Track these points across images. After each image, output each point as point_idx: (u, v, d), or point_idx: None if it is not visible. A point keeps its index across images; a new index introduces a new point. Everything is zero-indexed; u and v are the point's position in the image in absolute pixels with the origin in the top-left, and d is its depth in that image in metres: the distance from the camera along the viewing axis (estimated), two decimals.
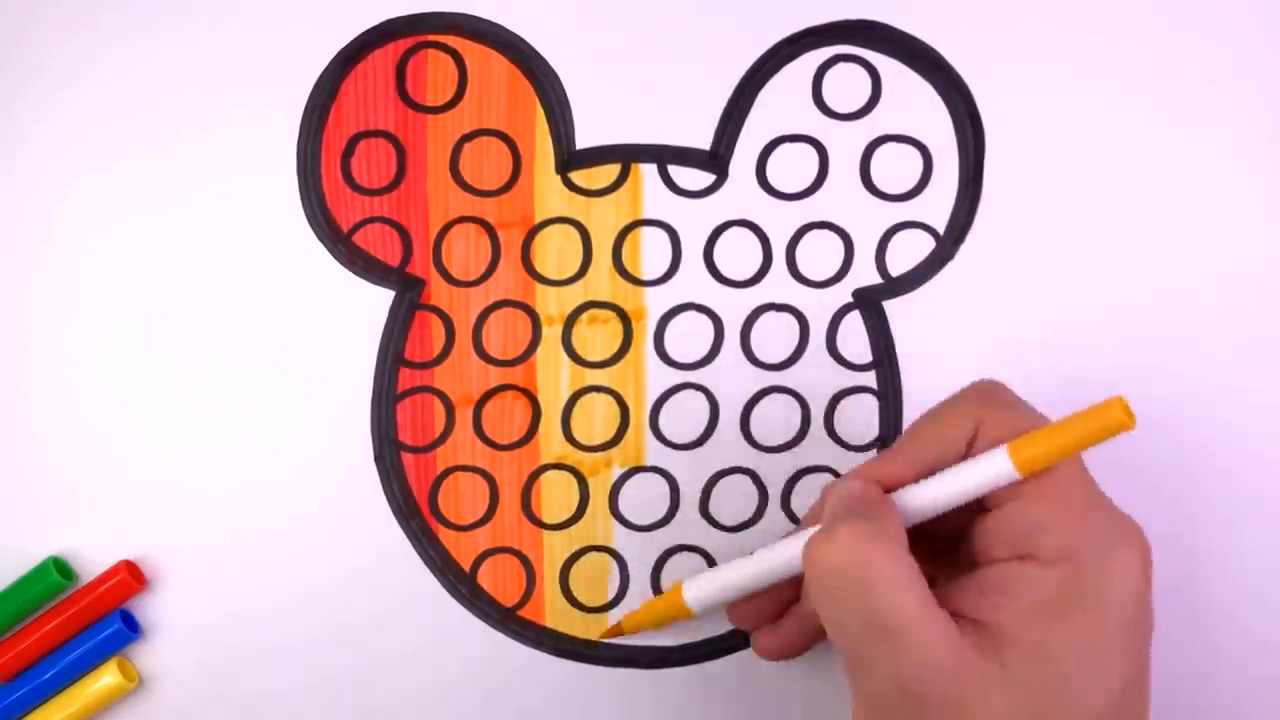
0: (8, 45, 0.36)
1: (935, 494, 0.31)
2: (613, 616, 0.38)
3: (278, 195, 0.37)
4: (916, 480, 0.31)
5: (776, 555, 0.33)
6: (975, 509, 0.31)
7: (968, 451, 0.31)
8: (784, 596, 0.34)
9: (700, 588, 0.35)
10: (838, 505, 0.30)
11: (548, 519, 0.38)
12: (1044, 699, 0.27)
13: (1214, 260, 0.37)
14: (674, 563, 0.38)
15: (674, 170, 0.37)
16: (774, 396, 0.37)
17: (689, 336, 0.37)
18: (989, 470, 0.30)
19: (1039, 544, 0.29)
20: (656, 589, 0.38)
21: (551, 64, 0.36)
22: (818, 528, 0.30)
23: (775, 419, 0.37)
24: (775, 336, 0.37)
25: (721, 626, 0.38)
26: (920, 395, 0.37)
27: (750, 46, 0.36)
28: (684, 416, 0.37)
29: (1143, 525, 0.30)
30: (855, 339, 0.37)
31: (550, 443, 0.37)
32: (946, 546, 0.32)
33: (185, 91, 0.36)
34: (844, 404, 0.37)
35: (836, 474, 0.37)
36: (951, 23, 0.36)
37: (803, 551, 0.30)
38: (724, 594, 0.35)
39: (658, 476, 0.37)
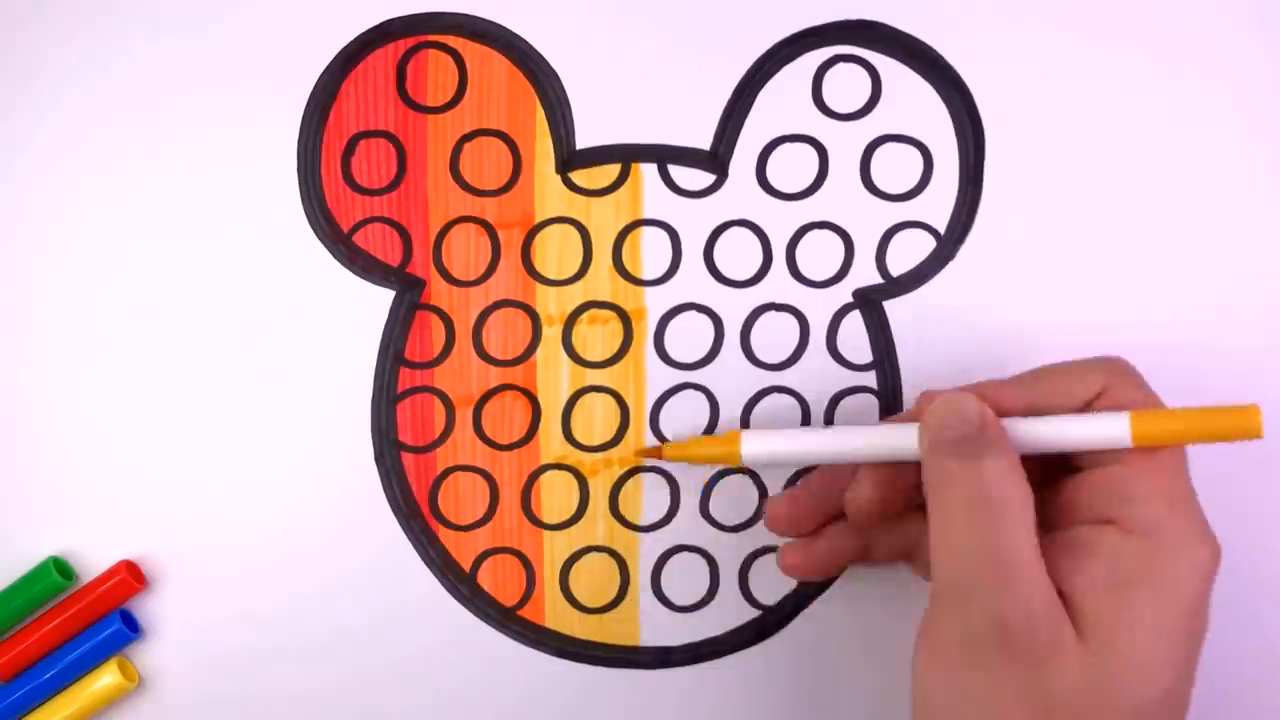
0: (8, 46, 0.36)
1: (1047, 433, 0.31)
2: (613, 617, 0.38)
3: (278, 195, 0.37)
4: (1025, 415, 0.31)
5: (850, 438, 0.33)
6: (1062, 469, 0.31)
7: (1085, 410, 0.31)
8: (828, 507, 0.34)
9: (760, 441, 0.34)
10: (955, 419, 0.30)
11: (548, 519, 0.37)
12: (1115, 673, 0.28)
13: (1214, 260, 0.37)
14: (674, 563, 0.38)
15: (674, 170, 0.37)
16: (774, 396, 0.37)
17: (689, 336, 0.37)
18: (1105, 429, 0.30)
19: (1127, 512, 0.29)
20: (657, 589, 0.38)
21: (551, 64, 0.36)
22: (908, 426, 0.31)
23: (775, 419, 0.37)
24: (775, 336, 0.37)
25: (721, 627, 0.38)
26: None
27: (750, 46, 0.36)
28: (684, 416, 0.37)
29: None
30: (855, 339, 0.37)
31: (550, 443, 0.37)
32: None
33: (185, 92, 0.36)
34: (844, 404, 0.37)
35: None
36: (951, 23, 0.36)
37: (934, 470, 0.30)
38: (782, 456, 0.34)
39: (658, 476, 0.37)
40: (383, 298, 0.37)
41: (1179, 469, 0.31)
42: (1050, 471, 0.32)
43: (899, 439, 0.32)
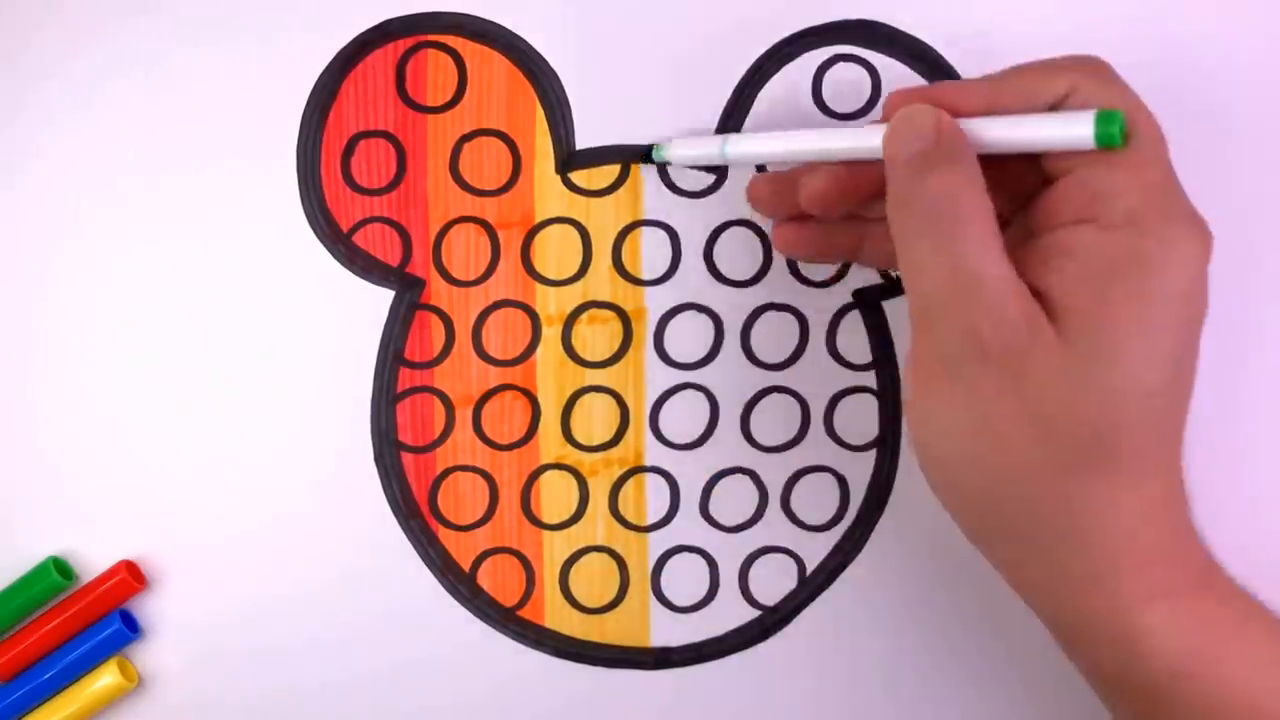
0: (18, 49, 0.36)
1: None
2: (613, 617, 0.38)
3: (278, 195, 0.37)
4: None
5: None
6: (1037, 182, 0.30)
7: (1052, 108, 0.29)
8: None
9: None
10: (911, 135, 0.29)
11: (547, 519, 0.37)
12: (1096, 363, 0.27)
13: (1213, 259, 0.36)
14: (674, 563, 0.38)
15: (674, 170, 0.37)
16: (774, 396, 0.37)
17: (689, 336, 0.37)
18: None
19: (1104, 208, 0.28)
20: (657, 589, 0.38)
21: (551, 64, 0.36)
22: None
23: (775, 419, 0.37)
24: (775, 336, 0.37)
25: (721, 627, 0.38)
26: None
27: (750, 46, 0.36)
28: (684, 416, 0.37)
29: None
30: (855, 339, 0.37)
31: (550, 443, 0.37)
32: (1003, 212, 0.31)
33: (185, 92, 0.36)
34: (844, 404, 0.37)
35: (837, 474, 0.37)
36: (952, 23, 0.36)
37: (894, 190, 0.29)
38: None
39: (658, 476, 0.37)
40: (382, 297, 0.37)
41: (1159, 161, 0.29)
42: (1029, 184, 0.30)
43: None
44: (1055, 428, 0.27)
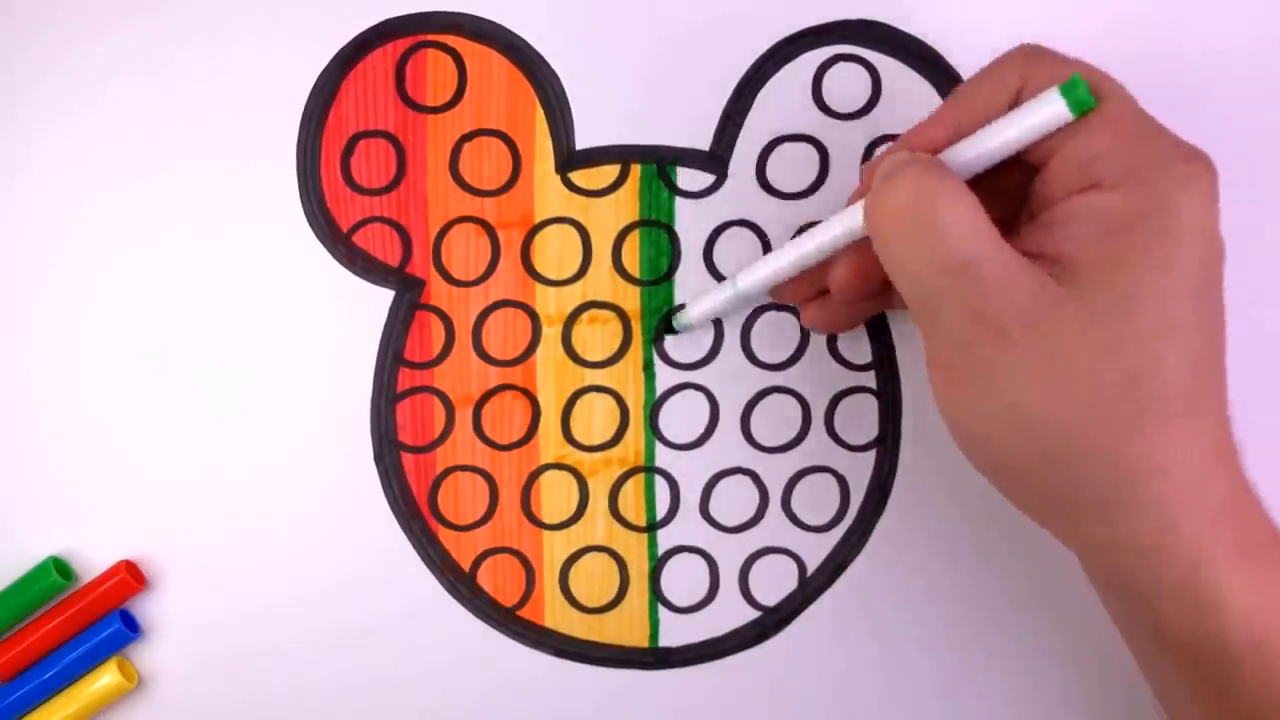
0: (18, 49, 0.36)
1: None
2: (613, 617, 0.38)
3: (278, 195, 0.37)
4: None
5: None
6: (1028, 171, 0.30)
7: (1013, 107, 0.29)
8: (825, 273, 0.34)
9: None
10: (887, 168, 0.29)
11: (548, 519, 0.37)
12: (1119, 314, 0.27)
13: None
14: (674, 563, 0.38)
15: (674, 170, 0.37)
16: (774, 396, 0.37)
17: (689, 336, 0.37)
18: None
19: (1101, 171, 0.28)
20: (657, 589, 0.38)
21: (551, 64, 0.36)
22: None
23: (775, 419, 0.37)
24: (775, 336, 0.37)
25: (721, 627, 0.38)
26: (920, 395, 0.37)
27: (750, 46, 0.36)
28: (684, 416, 0.37)
29: None
30: (855, 339, 0.37)
31: (550, 443, 0.37)
32: (1005, 215, 0.31)
33: (186, 92, 0.36)
34: (844, 404, 0.37)
35: (836, 474, 0.37)
36: (951, 22, 0.36)
37: (865, 207, 0.29)
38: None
39: (658, 477, 0.37)
40: (382, 298, 0.37)
41: (1134, 110, 0.29)
42: (1019, 184, 0.30)
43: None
44: (1095, 384, 0.27)
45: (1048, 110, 0.28)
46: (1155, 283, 0.27)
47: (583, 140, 0.36)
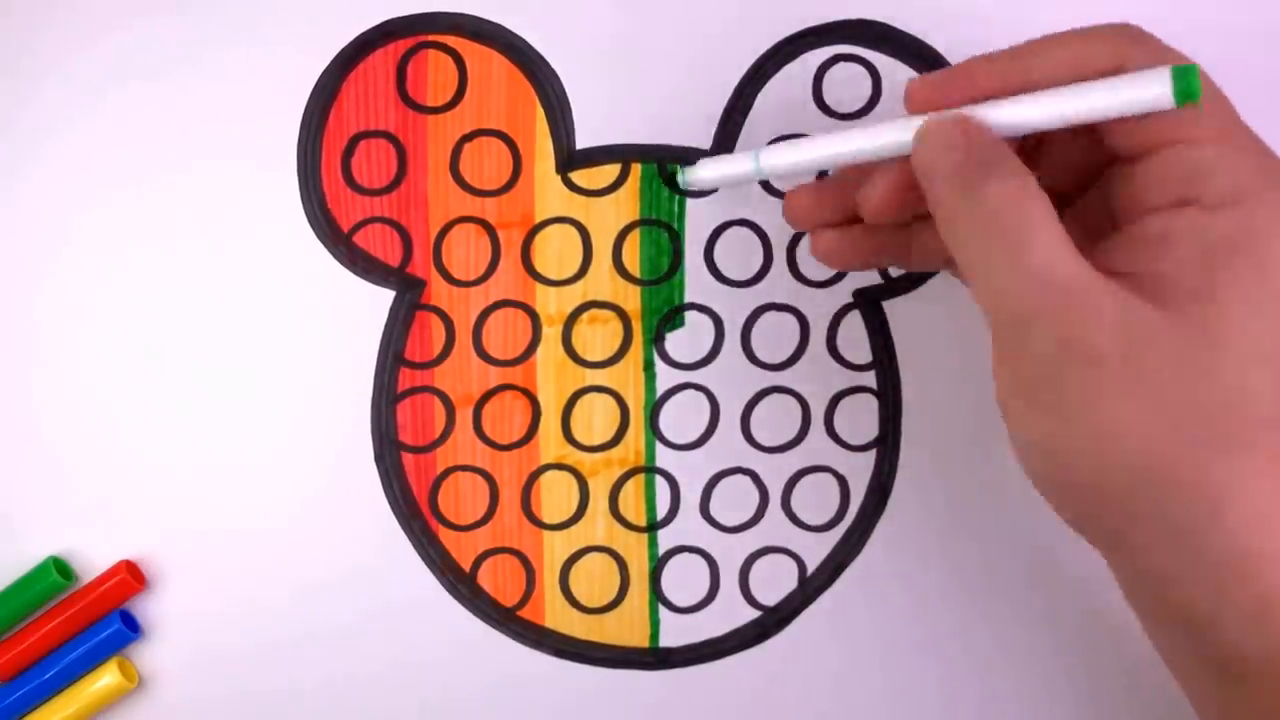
0: (19, 51, 0.36)
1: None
2: (613, 617, 0.38)
3: (278, 196, 0.37)
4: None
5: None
6: (1096, 162, 0.29)
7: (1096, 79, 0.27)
8: (848, 199, 0.32)
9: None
10: (941, 145, 0.27)
11: (548, 519, 0.38)
12: (1212, 343, 0.26)
13: None
14: (674, 563, 0.38)
15: (675, 169, 0.37)
16: (774, 396, 0.37)
17: (689, 336, 0.37)
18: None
19: (1203, 188, 0.26)
20: (657, 589, 0.38)
21: (551, 64, 0.36)
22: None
23: (775, 419, 0.37)
24: (775, 336, 0.37)
25: (721, 627, 0.38)
26: (920, 395, 0.37)
27: (750, 46, 0.36)
28: (684, 416, 0.37)
29: None
30: (855, 339, 0.37)
31: (550, 443, 0.37)
32: (1055, 187, 0.29)
33: (185, 92, 0.36)
34: (844, 404, 0.37)
35: (836, 474, 0.37)
36: (951, 22, 0.36)
37: (944, 207, 0.27)
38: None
39: (658, 476, 0.37)
40: (383, 298, 0.37)
41: (1236, 122, 0.27)
42: (1086, 165, 0.29)
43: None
44: (1188, 413, 0.26)
45: (1153, 87, 0.26)
46: (1253, 314, 0.26)
47: (583, 140, 0.37)
